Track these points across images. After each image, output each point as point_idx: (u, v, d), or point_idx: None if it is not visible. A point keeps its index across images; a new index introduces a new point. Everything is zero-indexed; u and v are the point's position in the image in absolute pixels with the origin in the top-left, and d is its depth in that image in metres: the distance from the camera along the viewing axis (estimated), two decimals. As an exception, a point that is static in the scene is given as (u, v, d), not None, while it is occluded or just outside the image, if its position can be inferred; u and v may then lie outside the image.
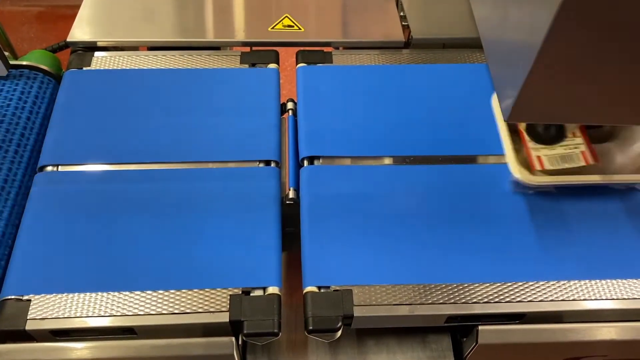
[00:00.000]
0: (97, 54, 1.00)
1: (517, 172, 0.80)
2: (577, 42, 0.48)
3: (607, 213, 0.82)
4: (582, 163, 0.81)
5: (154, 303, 0.71)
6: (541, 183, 0.80)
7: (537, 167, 0.81)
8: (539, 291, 0.74)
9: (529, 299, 0.73)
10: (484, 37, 0.64)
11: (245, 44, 1.03)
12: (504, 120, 0.58)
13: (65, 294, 0.72)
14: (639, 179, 0.82)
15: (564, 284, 0.74)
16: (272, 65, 0.99)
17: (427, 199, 0.82)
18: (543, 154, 0.81)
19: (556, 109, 0.55)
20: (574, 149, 0.82)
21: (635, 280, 0.75)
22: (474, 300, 0.73)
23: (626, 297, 0.74)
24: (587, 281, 0.75)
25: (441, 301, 0.72)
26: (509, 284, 0.74)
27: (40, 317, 0.70)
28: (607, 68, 0.50)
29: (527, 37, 0.50)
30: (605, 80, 0.52)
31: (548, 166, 0.81)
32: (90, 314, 0.70)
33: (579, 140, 0.82)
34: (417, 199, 0.82)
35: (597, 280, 0.75)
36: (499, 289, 0.74)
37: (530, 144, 0.83)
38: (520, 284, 0.74)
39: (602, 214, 0.82)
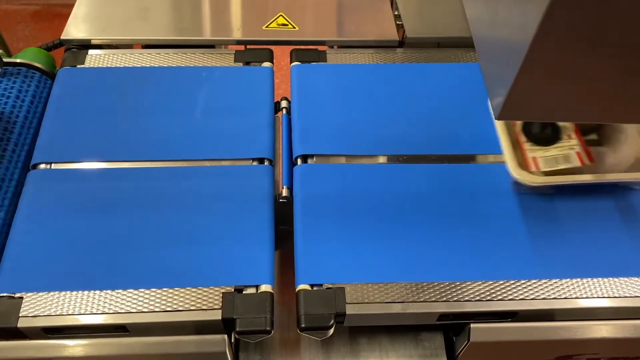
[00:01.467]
0: (91, 51, 0.99)
1: (515, 172, 0.81)
2: (566, 40, 0.48)
3: (599, 212, 0.82)
4: (578, 163, 0.82)
5: (146, 301, 0.71)
6: (540, 183, 0.81)
7: (533, 168, 0.82)
8: (530, 289, 0.74)
9: (521, 297, 0.73)
10: (476, 35, 0.64)
11: (239, 42, 1.03)
12: (495, 119, 0.58)
13: (58, 291, 0.72)
14: (630, 177, 0.83)
15: (555, 282, 0.75)
16: (266, 64, 0.99)
17: (421, 197, 0.83)
18: (539, 155, 0.82)
19: (547, 107, 0.56)
20: (569, 150, 0.83)
21: (626, 279, 0.76)
22: (466, 298, 0.73)
23: (617, 296, 0.74)
24: (578, 279, 0.75)
25: (433, 299, 0.73)
26: (501, 282, 0.74)
27: (33, 314, 0.70)
28: (596, 66, 0.51)
29: (517, 35, 0.50)
30: (595, 78, 0.52)
31: (543, 167, 0.82)
32: (82, 311, 0.70)
33: (574, 142, 0.84)
34: (410, 197, 0.82)
35: (589, 279, 0.75)
36: (491, 287, 0.74)
37: (526, 144, 0.84)
38: (512, 282, 0.74)
39: (594, 214, 0.82)
